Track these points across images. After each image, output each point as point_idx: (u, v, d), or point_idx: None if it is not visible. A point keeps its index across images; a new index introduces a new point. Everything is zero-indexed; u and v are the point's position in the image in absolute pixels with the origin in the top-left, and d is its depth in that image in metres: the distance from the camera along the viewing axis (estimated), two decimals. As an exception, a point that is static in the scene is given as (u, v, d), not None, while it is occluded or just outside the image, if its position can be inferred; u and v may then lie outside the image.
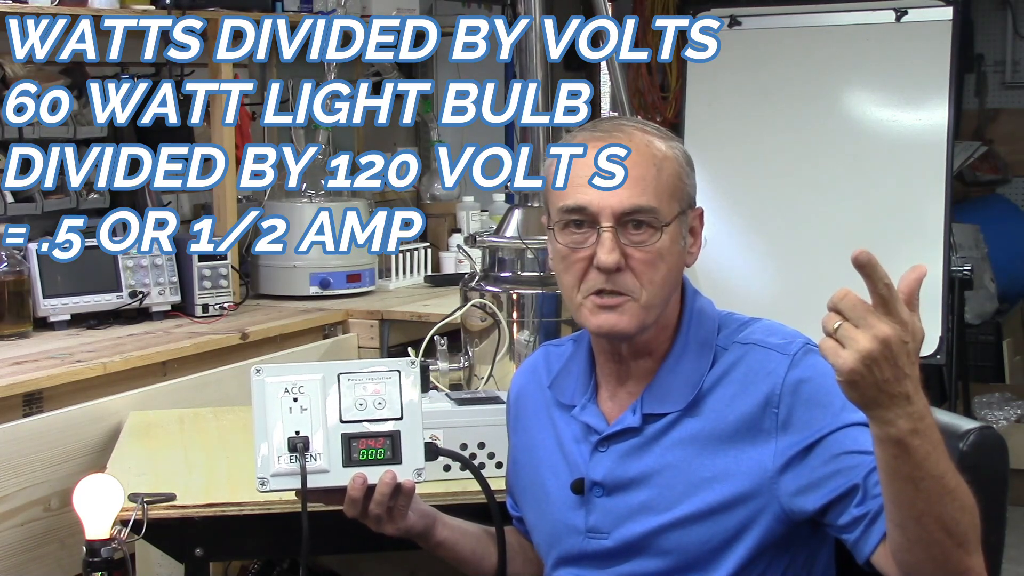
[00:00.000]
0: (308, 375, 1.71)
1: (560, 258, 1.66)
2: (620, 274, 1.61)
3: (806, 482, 1.56)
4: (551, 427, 1.77)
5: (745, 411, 1.60)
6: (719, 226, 4.36)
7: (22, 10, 3.10)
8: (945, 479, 1.35)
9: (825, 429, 1.55)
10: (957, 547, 1.38)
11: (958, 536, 1.37)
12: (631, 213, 1.61)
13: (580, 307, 1.65)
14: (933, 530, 1.36)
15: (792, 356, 1.60)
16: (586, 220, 1.62)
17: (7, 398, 2.61)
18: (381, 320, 3.59)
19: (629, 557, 1.65)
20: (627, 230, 1.61)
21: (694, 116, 4.61)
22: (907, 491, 1.35)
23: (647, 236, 1.62)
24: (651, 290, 1.62)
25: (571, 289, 1.66)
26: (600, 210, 1.61)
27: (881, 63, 4.38)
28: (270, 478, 1.69)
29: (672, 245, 1.63)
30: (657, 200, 1.62)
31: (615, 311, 1.62)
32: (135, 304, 3.36)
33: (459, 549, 1.82)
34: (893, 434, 1.32)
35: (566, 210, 1.64)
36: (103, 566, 1.79)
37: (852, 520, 1.51)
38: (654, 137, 1.66)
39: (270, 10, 3.74)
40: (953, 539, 1.37)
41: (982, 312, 5.51)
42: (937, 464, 1.34)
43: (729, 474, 1.60)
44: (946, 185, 4.22)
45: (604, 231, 1.61)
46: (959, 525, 1.37)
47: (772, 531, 1.59)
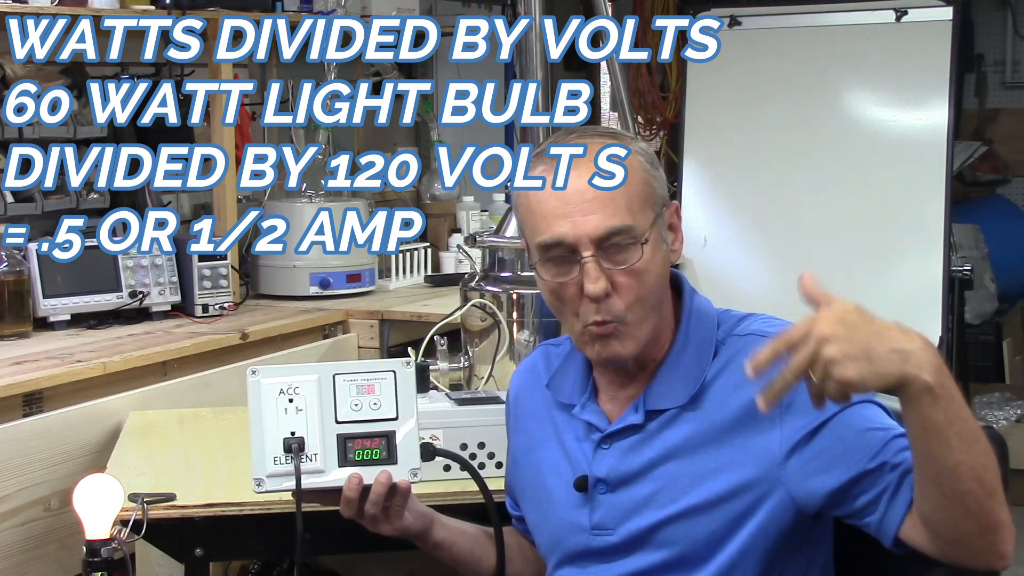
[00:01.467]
0: (304, 376, 1.71)
1: (549, 292, 1.66)
2: (609, 300, 1.61)
3: (816, 464, 1.55)
4: (551, 426, 1.77)
5: (747, 399, 1.59)
6: (719, 226, 4.36)
7: (22, 10, 3.10)
8: (970, 421, 1.37)
9: (830, 409, 1.53)
10: (988, 496, 1.39)
11: (988, 484, 1.38)
12: (608, 237, 1.60)
13: (579, 336, 1.66)
14: (967, 479, 1.37)
15: None
16: (565, 252, 1.62)
17: (7, 398, 2.62)
18: (381, 320, 3.59)
19: (633, 551, 1.65)
20: (608, 253, 1.60)
21: (694, 116, 4.60)
22: (942, 442, 1.36)
23: (628, 255, 1.60)
24: (638, 308, 1.62)
25: (566, 317, 1.66)
26: (578, 239, 1.60)
27: (881, 63, 4.38)
28: (266, 479, 1.69)
29: (654, 255, 1.63)
30: (631, 216, 1.60)
31: (611, 339, 1.62)
32: (135, 304, 3.36)
33: (457, 550, 1.82)
34: (926, 380, 1.32)
35: (544, 246, 1.63)
36: (103, 566, 1.79)
37: (872, 499, 1.51)
38: (614, 145, 1.64)
39: (270, 10, 3.74)
40: (984, 487, 1.38)
41: (982, 312, 5.51)
42: (962, 406, 1.36)
43: (734, 463, 1.60)
44: (946, 185, 4.21)
45: (586, 262, 1.60)
46: (987, 471, 1.38)
47: (776, 520, 1.59)
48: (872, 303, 1.36)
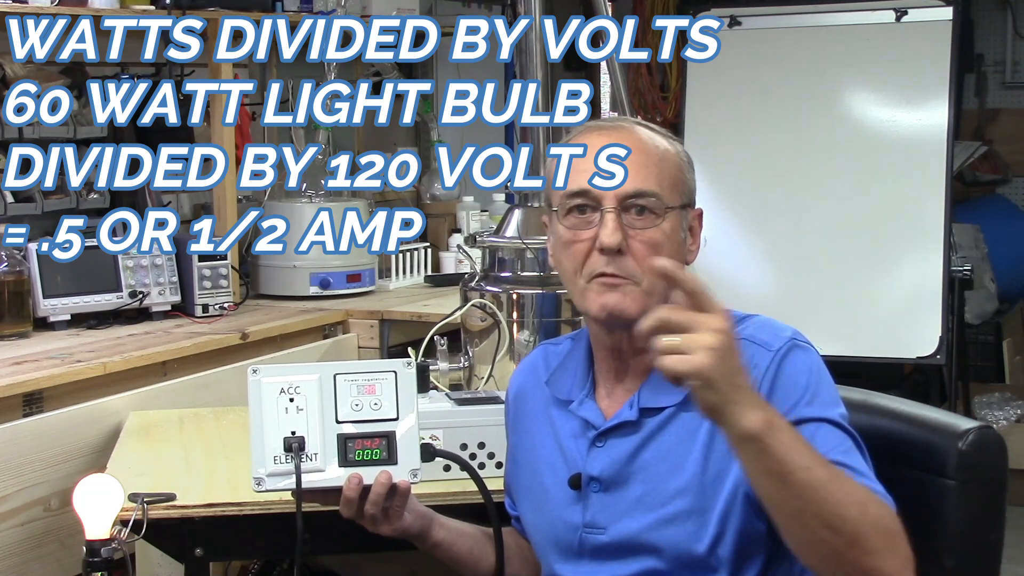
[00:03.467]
0: (304, 376, 1.71)
1: (562, 244, 1.67)
2: (622, 257, 1.62)
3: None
4: (549, 425, 1.77)
5: None
6: (719, 226, 4.37)
7: (22, 10, 3.10)
8: (813, 471, 1.37)
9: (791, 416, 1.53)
10: (849, 546, 1.38)
11: (846, 534, 1.37)
12: (633, 197, 1.62)
13: (583, 292, 1.65)
14: (815, 528, 1.38)
15: (775, 352, 1.60)
16: (589, 204, 1.64)
17: (7, 398, 2.62)
18: (381, 320, 3.59)
19: (626, 553, 1.65)
20: (629, 214, 1.63)
21: (694, 116, 4.61)
22: (777, 488, 1.38)
23: (649, 221, 1.63)
24: (652, 276, 1.61)
25: (573, 274, 1.66)
26: (603, 193, 1.63)
27: (881, 63, 4.39)
28: (266, 478, 1.69)
29: (673, 233, 1.65)
30: (659, 186, 1.64)
31: (618, 290, 1.62)
32: (135, 304, 3.36)
33: (456, 550, 1.83)
34: (748, 428, 1.36)
35: (569, 195, 1.66)
36: (103, 566, 1.79)
37: None
38: (655, 134, 1.69)
39: (270, 10, 3.74)
40: (841, 536, 1.37)
41: (982, 312, 5.51)
42: (802, 456, 1.37)
43: (720, 470, 1.59)
44: (946, 185, 4.22)
45: (607, 212, 1.62)
46: (845, 521, 1.37)
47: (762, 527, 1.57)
48: (872, 303, 1.37)
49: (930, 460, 1.64)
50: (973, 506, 1.64)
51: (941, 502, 1.63)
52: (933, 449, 1.65)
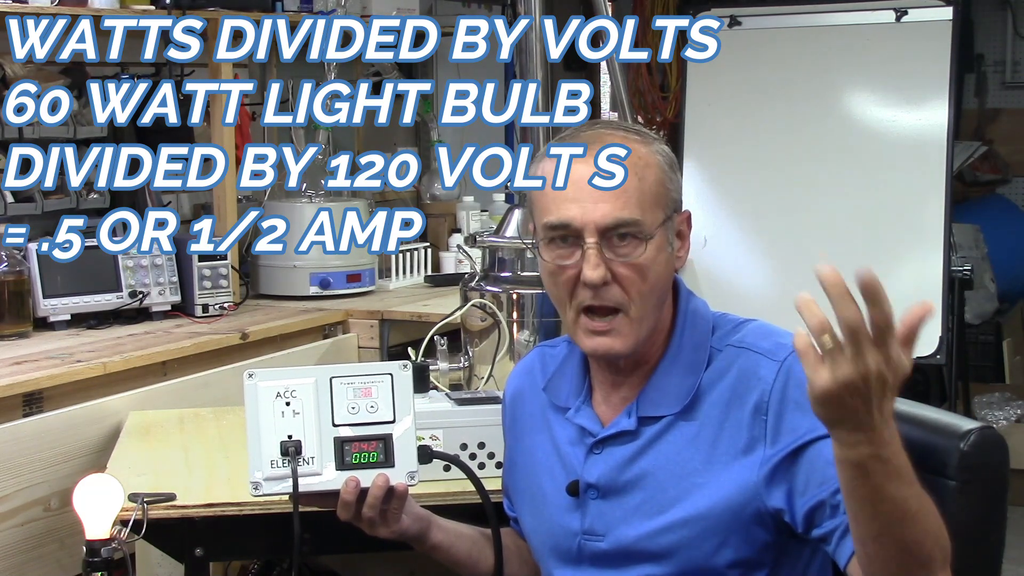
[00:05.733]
0: (300, 379, 1.71)
1: (548, 274, 1.66)
2: (607, 288, 1.60)
3: (790, 487, 1.55)
4: (547, 429, 1.77)
5: (737, 418, 1.60)
6: (719, 226, 4.36)
7: (22, 10, 3.10)
8: (906, 504, 1.33)
9: (810, 435, 1.54)
10: (920, 567, 1.37)
11: (921, 557, 1.36)
12: (615, 227, 1.60)
13: (574, 324, 1.65)
14: (892, 550, 1.35)
15: (781, 362, 1.59)
16: (570, 236, 1.62)
17: (7, 398, 2.61)
18: (381, 320, 3.59)
19: (625, 560, 1.65)
20: (612, 243, 1.60)
21: (694, 116, 4.60)
22: (865, 511, 1.34)
23: (632, 248, 1.60)
24: (639, 302, 1.61)
25: (562, 304, 1.66)
26: (584, 225, 1.60)
27: (881, 63, 4.38)
28: (263, 482, 1.69)
29: (658, 254, 1.62)
30: (640, 211, 1.60)
31: (608, 335, 1.62)
32: (135, 304, 3.36)
33: (454, 552, 1.82)
34: (853, 457, 1.30)
35: (550, 227, 1.63)
36: (103, 566, 1.79)
37: (826, 533, 1.51)
38: (635, 142, 1.64)
39: (270, 10, 3.73)
40: (915, 559, 1.36)
41: (982, 312, 5.51)
42: (899, 489, 1.32)
43: (721, 481, 1.59)
44: (946, 185, 4.21)
45: (588, 248, 1.60)
46: (921, 548, 1.35)
47: (764, 538, 1.59)
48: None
49: (931, 460, 1.64)
50: (974, 507, 1.63)
51: (942, 502, 1.62)
52: (934, 449, 1.65)
